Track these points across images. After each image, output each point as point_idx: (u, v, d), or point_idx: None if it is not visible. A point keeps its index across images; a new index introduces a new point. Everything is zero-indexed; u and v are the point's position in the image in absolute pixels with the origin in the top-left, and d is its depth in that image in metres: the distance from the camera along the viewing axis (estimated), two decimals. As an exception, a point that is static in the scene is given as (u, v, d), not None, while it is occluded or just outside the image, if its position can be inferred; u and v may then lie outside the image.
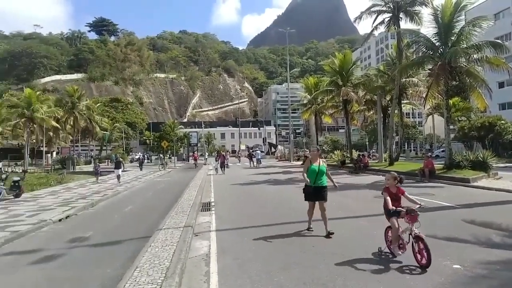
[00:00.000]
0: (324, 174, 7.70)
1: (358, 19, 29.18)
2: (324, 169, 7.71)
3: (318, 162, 7.72)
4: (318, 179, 7.60)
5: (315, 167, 7.64)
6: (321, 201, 7.60)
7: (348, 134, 36.33)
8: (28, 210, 12.00)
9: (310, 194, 7.67)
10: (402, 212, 5.78)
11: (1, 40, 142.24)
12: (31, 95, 38.37)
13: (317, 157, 7.87)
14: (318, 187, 7.59)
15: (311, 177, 7.59)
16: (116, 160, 24.37)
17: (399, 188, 6.14)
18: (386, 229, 6.34)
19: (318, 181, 7.60)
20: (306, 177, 7.60)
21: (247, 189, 17.69)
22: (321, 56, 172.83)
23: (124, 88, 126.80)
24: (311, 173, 7.63)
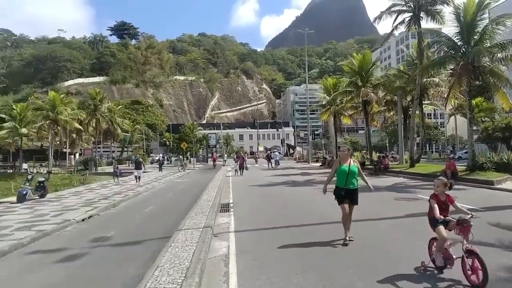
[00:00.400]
0: (356, 175, 7.14)
1: (378, 19, 28.88)
2: (355, 169, 7.13)
3: (348, 162, 7.15)
4: (349, 180, 7.07)
5: (345, 168, 7.10)
6: (351, 205, 7.17)
7: (367, 135, 35.92)
8: (52, 210, 12.35)
9: (341, 197, 7.11)
10: (451, 223, 5.14)
11: (27, 44, 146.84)
12: (55, 98, 39.39)
13: (348, 157, 7.28)
14: (349, 190, 7.08)
15: (341, 178, 7.10)
16: (136, 160, 24.11)
17: (448, 195, 5.47)
18: (430, 241, 5.68)
19: (349, 183, 7.08)
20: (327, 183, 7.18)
21: (265, 191, 17.71)
22: (340, 57, 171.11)
23: (144, 91, 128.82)
24: (341, 174, 7.12)
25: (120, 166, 43.73)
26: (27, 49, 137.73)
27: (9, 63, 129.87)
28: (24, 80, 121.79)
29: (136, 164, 23.14)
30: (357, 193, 7.20)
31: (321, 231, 8.20)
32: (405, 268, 5.51)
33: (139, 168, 22.66)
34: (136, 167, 22.81)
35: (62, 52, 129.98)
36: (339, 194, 7.11)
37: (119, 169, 25.39)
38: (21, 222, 10.22)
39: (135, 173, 22.49)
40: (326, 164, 37.05)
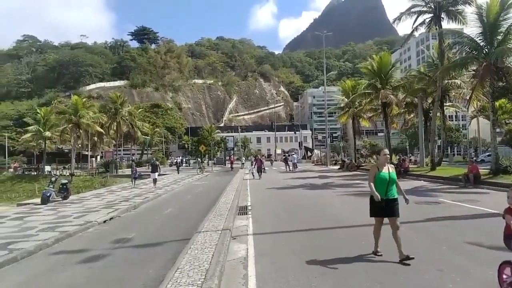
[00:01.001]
0: (395, 182, 6.34)
1: (398, 20, 28.50)
2: (395, 177, 6.33)
3: (387, 169, 6.32)
4: (389, 189, 6.23)
5: (385, 175, 6.24)
6: (393, 217, 6.19)
7: (387, 137, 35.43)
8: (75, 212, 12.65)
9: (380, 209, 6.23)
10: None
11: (51, 50, 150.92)
12: (78, 102, 40.41)
13: (386, 162, 6.46)
14: (389, 200, 6.20)
15: (380, 187, 6.18)
16: (152, 163, 24.06)
17: None
18: (500, 266, 4.64)
19: (390, 193, 6.23)
20: (375, 190, 6.19)
21: (283, 194, 17.69)
22: (359, 59, 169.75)
23: (164, 94, 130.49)
24: (381, 182, 6.21)
25: (140, 169, 44.44)
26: (51, 55, 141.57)
27: (34, 68, 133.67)
28: (48, 84, 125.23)
29: (152, 167, 23.17)
30: (398, 203, 6.34)
31: (340, 235, 8.14)
32: (427, 272, 5.43)
33: (155, 171, 22.68)
34: (153, 170, 22.87)
35: (84, 57, 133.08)
36: (378, 206, 6.18)
37: (137, 171, 25.39)
38: (46, 223, 10.52)
39: (152, 176, 22.64)
40: (345, 167, 36.73)
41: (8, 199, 31.09)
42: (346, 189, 18.35)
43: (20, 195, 31.43)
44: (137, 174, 24.16)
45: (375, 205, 6.24)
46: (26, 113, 79.66)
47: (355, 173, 31.26)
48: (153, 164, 23.59)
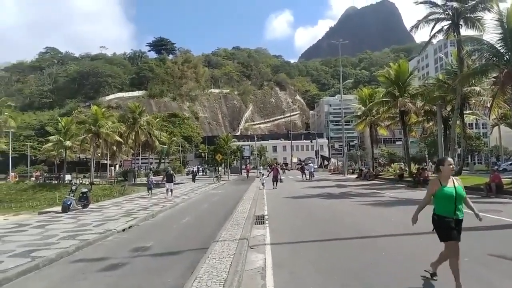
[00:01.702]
0: (463, 199, 5.17)
1: (415, 28, 28.28)
2: (463, 192, 5.13)
3: (452, 182, 5.14)
4: (458, 208, 5.06)
5: (450, 191, 5.06)
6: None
7: (406, 146, 34.94)
8: (94, 220, 12.83)
9: (452, 230, 4.99)
10: None
11: (71, 61, 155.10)
12: (97, 112, 41.18)
13: (450, 174, 5.26)
14: (458, 221, 5.08)
15: (447, 206, 5.06)
16: (167, 173, 22.75)
17: None
18: None
19: (458, 212, 5.07)
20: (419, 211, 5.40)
21: (300, 203, 17.59)
22: (376, 67, 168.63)
23: (181, 104, 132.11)
24: (446, 199, 5.06)
25: (157, 178, 44.77)
26: (72, 66, 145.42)
27: (55, 80, 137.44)
28: (69, 95, 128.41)
29: (167, 177, 21.92)
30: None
31: (358, 245, 8.03)
32: (449, 284, 5.30)
33: (170, 181, 21.62)
34: (168, 179, 21.69)
35: (104, 68, 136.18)
36: (448, 226, 5.00)
37: (153, 181, 24.31)
38: (66, 232, 10.70)
39: (167, 186, 21.58)
40: (363, 176, 36.31)
41: (30, 207, 31.74)
42: (364, 198, 18.12)
43: (41, 203, 32.04)
44: (152, 185, 22.90)
45: (446, 226, 5.02)
46: (48, 123, 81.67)
47: (373, 182, 30.86)
48: (168, 173, 22.32)
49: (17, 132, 66.54)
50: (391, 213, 12.73)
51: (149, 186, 22.55)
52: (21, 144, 73.17)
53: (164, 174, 23.67)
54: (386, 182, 30.76)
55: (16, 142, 68.32)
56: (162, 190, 25.33)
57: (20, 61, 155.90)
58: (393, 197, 18.49)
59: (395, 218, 11.55)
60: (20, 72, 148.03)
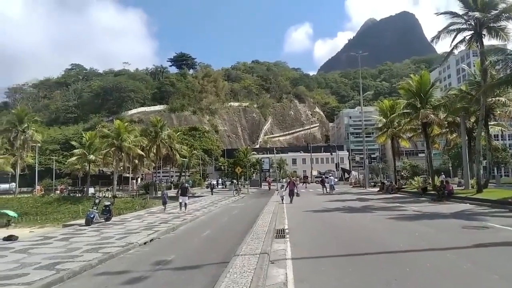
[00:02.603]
0: None
1: (436, 39, 27.82)
2: None
3: None
4: None
5: None
6: None
7: (429, 158, 34.16)
8: (117, 233, 13.02)
9: None
10: None
11: (96, 77, 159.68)
12: (120, 126, 42.08)
13: None
14: None
15: None
16: (181, 186, 22.23)
17: None
18: None
19: None
20: None
21: (321, 217, 17.37)
22: (396, 78, 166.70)
23: (201, 117, 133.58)
24: None
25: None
26: (96, 82, 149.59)
27: (80, 95, 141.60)
28: (93, 110, 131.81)
29: (181, 190, 21.12)
30: None
31: (382, 260, 7.84)
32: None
33: (185, 195, 20.69)
34: (182, 193, 20.80)
35: (126, 83, 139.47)
36: None
37: (168, 194, 23.68)
38: (90, 244, 10.89)
39: (180, 200, 20.70)
40: (385, 189, 35.65)
41: (54, 220, 32.51)
42: (387, 212, 17.73)
43: (65, 216, 32.76)
44: (167, 199, 22.33)
45: None
46: (72, 137, 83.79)
47: (395, 196, 30.22)
48: (183, 187, 21.70)
49: (43, 146, 68.65)
50: (415, 228, 12.41)
51: (163, 200, 22.02)
52: (47, 158, 75.35)
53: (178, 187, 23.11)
54: (409, 196, 30.08)
55: (42, 156, 70.38)
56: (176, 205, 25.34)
57: (47, 78, 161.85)
58: (417, 211, 18.03)
59: (419, 232, 11.24)
60: (47, 88, 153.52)
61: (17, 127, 47.47)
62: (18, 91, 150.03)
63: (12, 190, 52.77)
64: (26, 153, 50.19)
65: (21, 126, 47.56)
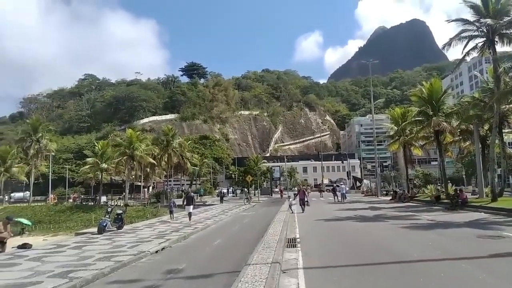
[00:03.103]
0: None
1: (447, 46, 27.60)
2: None
3: None
4: None
5: None
6: None
7: (442, 167, 33.72)
8: (129, 242, 13.10)
9: None
10: None
11: (108, 87, 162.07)
12: (132, 135, 42.53)
13: None
14: None
15: None
16: (187, 195, 21.49)
17: None
18: None
19: None
20: None
21: (332, 225, 17.22)
22: (407, 85, 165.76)
23: (212, 126, 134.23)
24: None
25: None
26: (108, 91, 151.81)
27: (93, 105, 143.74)
28: (105, 119, 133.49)
29: (187, 200, 20.55)
30: None
31: (395, 270, 7.74)
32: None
33: (190, 204, 20.22)
34: (187, 202, 20.29)
35: (138, 93, 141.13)
36: None
37: (175, 204, 23.18)
38: (102, 253, 10.97)
39: (187, 210, 20.28)
40: (397, 198, 35.24)
41: (67, 228, 32.85)
42: (400, 221, 17.52)
43: (78, 225, 33.09)
44: (173, 208, 21.93)
45: None
46: (85, 146, 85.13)
47: (408, 205, 29.84)
48: (188, 196, 21.06)
49: (56, 155, 69.68)
50: (429, 237, 12.23)
51: (170, 209, 21.70)
52: (60, 166, 76.38)
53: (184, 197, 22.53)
54: (422, 204, 29.69)
55: (55, 165, 71.39)
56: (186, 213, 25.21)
57: (61, 88, 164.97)
58: (430, 220, 17.77)
59: (433, 242, 11.08)
60: (60, 98, 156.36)
61: (32, 137, 48.32)
62: (33, 101, 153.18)
63: (26, 199, 53.57)
64: (40, 162, 50.99)
65: (35, 136, 48.39)
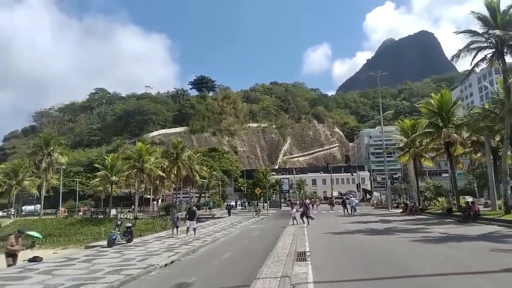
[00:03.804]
0: None
1: (456, 57, 27.49)
2: None
3: None
4: None
5: None
6: None
7: (453, 179, 33.29)
8: (138, 255, 13.10)
9: None
10: None
11: (119, 101, 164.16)
12: (142, 148, 42.94)
13: None
14: None
15: None
16: (189, 209, 19.88)
17: None
18: None
19: None
20: None
21: (343, 239, 17.04)
22: (416, 97, 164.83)
23: (220, 138, 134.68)
24: None
25: (198, 212, 44.91)
26: (118, 105, 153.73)
27: (104, 118, 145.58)
28: (116, 132, 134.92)
29: (189, 214, 19.04)
30: None
31: (407, 285, 7.61)
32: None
33: (192, 218, 18.74)
34: (189, 217, 18.80)
35: (148, 106, 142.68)
36: None
37: (179, 218, 21.68)
38: (112, 266, 10.99)
39: (187, 224, 18.67)
40: (408, 210, 34.80)
41: (77, 241, 33.07)
42: (411, 234, 17.28)
43: (88, 238, 33.30)
44: (178, 222, 20.42)
45: None
46: (96, 159, 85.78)
47: (419, 217, 29.44)
48: (190, 210, 19.48)
49: (67, 169, 70.38)
50: (441, 250, 12.04)
51: (175, 224, 20.32)
52: (70, 180, 77.03)
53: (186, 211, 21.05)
54: (433, 217, 29.27)
55: (66, 178, 71.99)
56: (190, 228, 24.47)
57: (72, 102, 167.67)
58: (442, 233, 17.50)
59: (445, 255, 10.89)
60: (71, 112, 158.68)
61: (43, 150, 49.03)
62: (45, 115, 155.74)
63: (37, 212, 54.06)
64: (51, 175, 51.59)
65: (47, 149, 49.10)
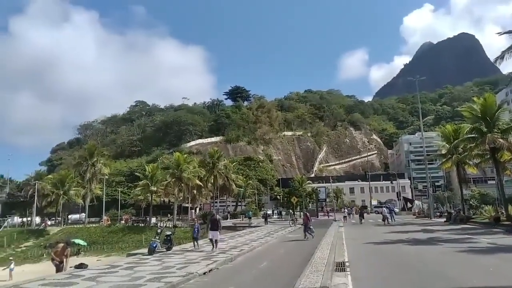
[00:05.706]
0: None
1: (500, 59, 26.31)
2: None
3: None
4: None
5: None
6: None
7: (500, 186, 31.57)
8: (177, 263, 13.35)
9: None
10: None
11: (157, 112, 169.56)
12: (180, 158, 43.94)
13: None
14: None
15: None
16: (211, 218, 18.35)
17: None
18: None
19: None
20: None
21: (383, 249, 16.57)
22: (458, 101, 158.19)
23: (255, 147, 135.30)
24: None
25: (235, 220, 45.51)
26: (157, 117, 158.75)
27: (143, 129, 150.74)
28: (155, 143, 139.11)
29: (211, 224, 17.35)
30: None
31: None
32: None
33: (215, 229, 16.93)
34: (212, 227, 17.12)
35: (185, 117, 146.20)
36: None
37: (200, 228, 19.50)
38: (152, 274, 11.26)
39: (210, 235, 17.39)
40: (452, 219, 33.29)
41: (119, 249, 34.20)
42: (456, 244, 16.49)
43: (129, 245, 34.36)
44: (198, 234, 18.57)
45: None
46: (136, 169, 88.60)
47: (464, 227, 28.06)
48: (213, 219, 17.79)
49: (110, 179, 73.06)
50: (490, 262, 11.42)
51: (195, 236, 18.46)
52: (113, 189, 79.89)
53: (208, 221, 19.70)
54: (479, 227, 27.79)
55: (108, 188, 74.75)
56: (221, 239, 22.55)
57: (114, 115, 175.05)
58: (490, 243, 16.58)
59: (494, 267, 10.33)
60: (113, 124, 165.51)
61: (88, 161, 51.24)
62: (89, 128, 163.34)
63: (82, 220, 56.40)
64: (95, 185, 53.77)
65: (91, 160, 51.27)
